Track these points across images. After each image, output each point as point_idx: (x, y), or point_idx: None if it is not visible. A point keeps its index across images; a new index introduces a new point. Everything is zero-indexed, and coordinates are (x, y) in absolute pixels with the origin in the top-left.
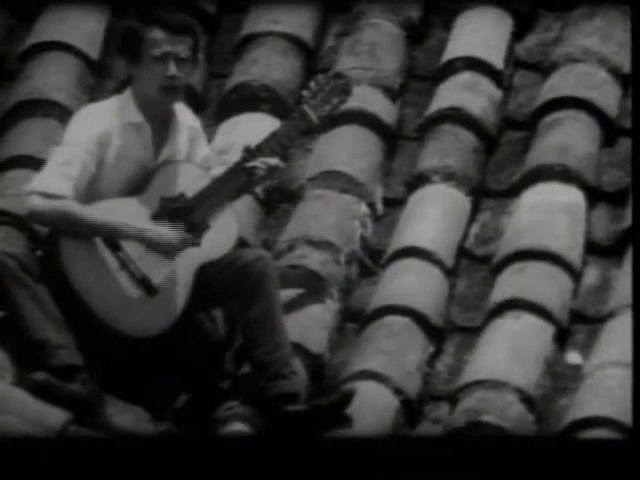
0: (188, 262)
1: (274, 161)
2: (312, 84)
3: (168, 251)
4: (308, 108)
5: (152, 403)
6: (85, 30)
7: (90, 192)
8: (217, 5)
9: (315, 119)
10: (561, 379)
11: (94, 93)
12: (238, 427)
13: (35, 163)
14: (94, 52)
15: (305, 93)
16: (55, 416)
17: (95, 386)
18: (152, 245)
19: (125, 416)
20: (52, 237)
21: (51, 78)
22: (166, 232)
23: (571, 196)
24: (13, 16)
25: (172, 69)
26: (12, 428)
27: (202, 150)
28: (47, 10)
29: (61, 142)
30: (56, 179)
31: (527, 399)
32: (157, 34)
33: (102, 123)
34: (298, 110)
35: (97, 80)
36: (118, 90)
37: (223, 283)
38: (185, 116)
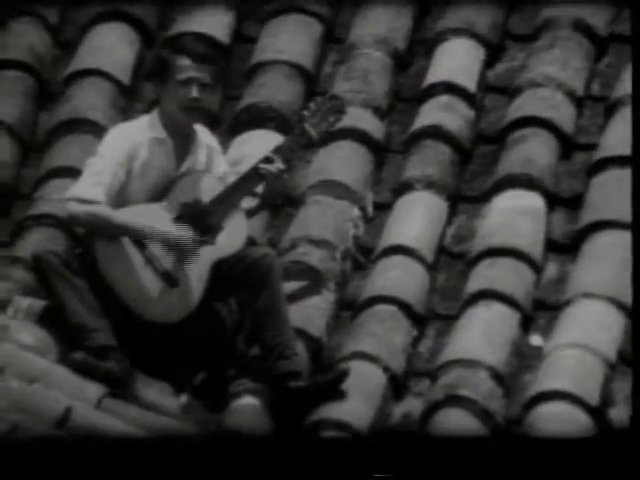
0: (204, 258)
1: (282, 168)
2: (312, 105)
3: (184, 251)
4: (308, 125)
5: (175, 379)
6: (118, 59)
7: (120, 198)
8: (231, 37)
9: (314, 135)
10: (525, 358)
11: (125, 113)
12: (249, 400)
13: (75, 173)
14: (126, 78)
15: (306, 112)
16: (93, 390)
17: (127, 364)
18: (171, 245)
19: (152, 390)
20: (89, 237)
21: (88, 100)
22: (184, 234)
23: (534, 201)
24: (57, 46)
25: (194, 92)
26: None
27: (219, 166)
28: (86, 41)
29: (96, 155)
30: (90, 186)
31: (497, 375)
32: (183, 61)
33: (131, 138)
34: (300, 127)
35: (128, 102)
36: (147, 110)
37: (235, 277)
38: (205, 136)
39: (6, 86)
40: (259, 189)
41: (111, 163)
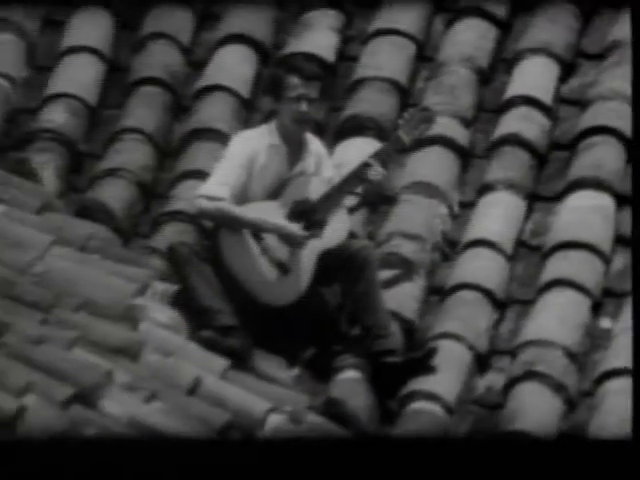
0: (312, 250)
1: (379, 172)
2: (405, 115)
3: (295, 244)
4: (402, 133)
5: (287, 354)
6: (239, 75)
7: (241, 196)
8: (335, 56)
9: (407, 142)
10: (595, 339)
11: (245, 123)
12: (351, 374)
13: (203, 175)
14: (246, 92)
15: (400, 122)
16: (218, 363)
17: (247, 341)
18: (284, 238)
19: (269, 363)
20: (214, 231)
21: (214, 112)
22: (296, 230)
23: (603, 201)
24: (189, 65)
25: (304, 107)
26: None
27: (326, 170)
28: (212, 60)
29: (222, 159)
30: (217, 186)
31: (570, 354)
32: (294, 80)
33: (252, 145)
34: (395, 135)
35: (247, 113)
36: (264, 121)
37: (337, 265)
38: (315, 144)
39: (146, 100)
40: (359, 189)
41: (235, 166)
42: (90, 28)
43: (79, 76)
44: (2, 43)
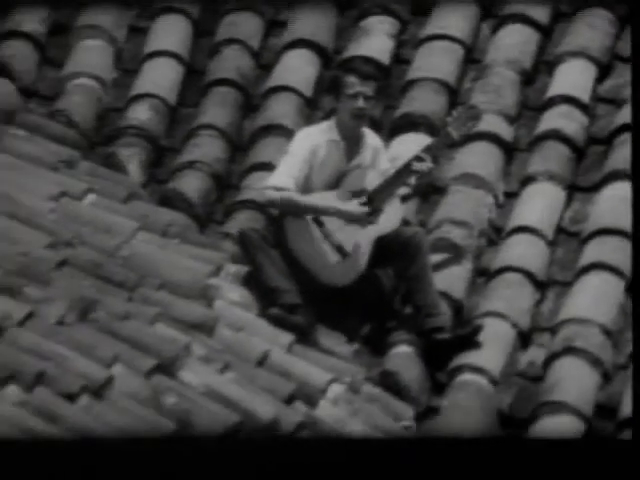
0: (368, 235)
1: (430, 165)
2: (454, 113)
3: (355, 221)
4: (451, 129)
5: (347, 330)
6: (303, 77)
7: (304, 187)
8: (390, 59)
9: (456, 137)
10: (629, 318)
11: (308, 120)
12: (404, 348)
13: (271, 167)
14: (309, 92)
15: (449, 119)
16: (285, 338)
17: (310, 318)
18: (346, 217)
19: (330, 338)
20: (280, 218)
21: (280, 110)
22: (355, 208)
23: None
24: (258, 67)
25: (360, 103)
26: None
27: (382, 163)
28: (279, 63)
29: (287, 153)
30: (283, 177)
31: (606, 331)
32: (352, 79)
33: (314, 140)
34: (444, 131)
35: (310, 111)
36: (325, 118)
37: (392, 250)
38: (371, 138)
39: (219, 99)
40: (412, 180)
41: (298, 159)
42: (170, 34)
43: (160, 78)
44: (94, 48)
